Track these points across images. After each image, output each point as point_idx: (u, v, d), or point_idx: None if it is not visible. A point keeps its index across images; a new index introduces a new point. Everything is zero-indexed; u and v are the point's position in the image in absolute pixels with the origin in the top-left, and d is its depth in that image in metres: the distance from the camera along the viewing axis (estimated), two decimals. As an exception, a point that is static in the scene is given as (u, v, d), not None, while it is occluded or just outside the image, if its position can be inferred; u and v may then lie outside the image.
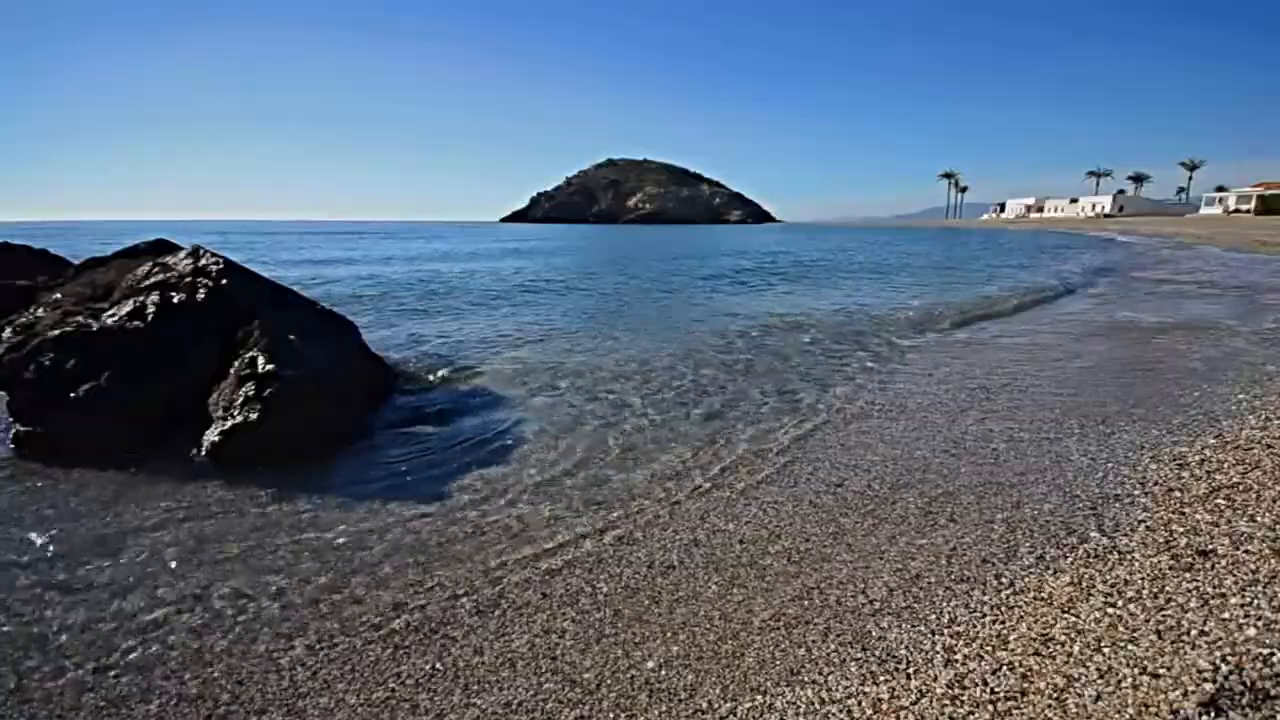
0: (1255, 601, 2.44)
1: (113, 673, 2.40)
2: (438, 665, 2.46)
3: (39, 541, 3.35)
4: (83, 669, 2.41)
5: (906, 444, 4.56)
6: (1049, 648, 2.37)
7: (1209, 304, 10.79)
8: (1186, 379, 5.92)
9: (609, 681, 2.37)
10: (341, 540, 3.34)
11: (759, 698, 2.26)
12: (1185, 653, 2.21)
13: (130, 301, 4.86)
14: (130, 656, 2.48)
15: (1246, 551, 2.82)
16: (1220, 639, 2.24)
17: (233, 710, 2.24)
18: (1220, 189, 77.53)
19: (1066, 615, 2.56)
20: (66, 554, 3.22)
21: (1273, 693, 1.96)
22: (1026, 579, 2.85)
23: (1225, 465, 3.86)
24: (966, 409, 5.30)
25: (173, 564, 3.12)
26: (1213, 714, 1.92)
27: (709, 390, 6.07)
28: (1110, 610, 2.54)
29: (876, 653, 2.44)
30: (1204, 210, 73.71)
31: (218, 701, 2.27)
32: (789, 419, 5.18)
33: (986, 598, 2.74)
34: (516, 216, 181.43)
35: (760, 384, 6.26)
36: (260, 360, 4.43)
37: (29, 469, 4.12)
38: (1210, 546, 2.92)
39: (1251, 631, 2.26)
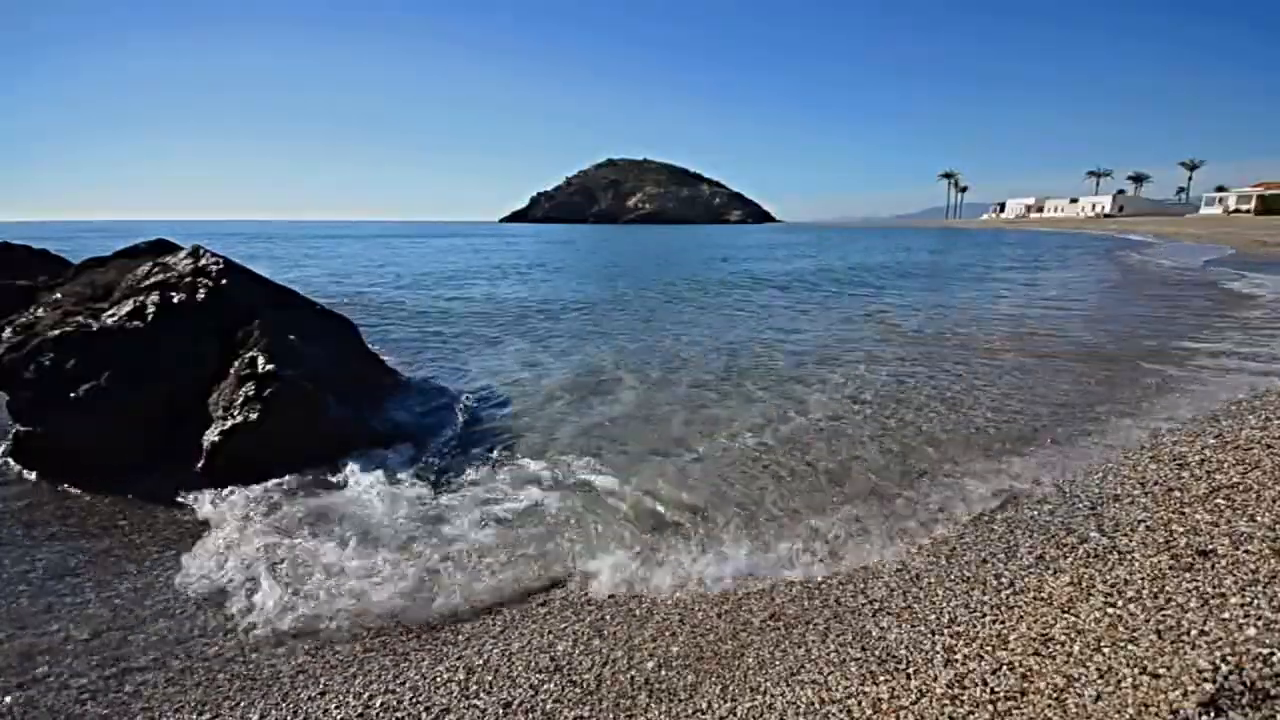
0: (1255, 601, 2.44)
1: (116, 681, 2.40)
2: (438, 668, 2.46)
3: (40, 546, 3.35)
4: (87, 677, 2.41)
5: (904, 441, 4.56)
6: (1049, 648, 2.37)
7: None
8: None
9: (609, 681, 2.37)
10: (341, 543, 3.34)
11: (759, 698, 2.26)
12: (1185, 653, 2.20)
13: (130, 301, 4.86)
14: (134, 664, 2.48)
15: (1246, 551, 2.82)
16: (1220, 639, 2.24)
17: (234, 715, 2.24)
18: (1220, 189, 77.44)
19: (1066, 615, 2.56)
20: (69, 559, 3.22)
21: (1273, 693, 1.96)
22: (1026, 579, 2.85)
23: (1225, 465, 3.85)
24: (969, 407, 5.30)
25: (174, 568, 3.12)
26: (1213, 714, 1.92)
27: (707, 383, 6.08)
28: (1110, 610, 2.54)
29: (876, 653, 2.44)
30: (1204, 210, 73.65)
31: (220, 707, 2.27)
32: (786, 408, 5.18)
33: (986, 598, 2.74)
34: (516, 216, 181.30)
35: (756, 374, 6.27)
36: (260, 360, 4.43)
37: (29, 471, 4.12)
38: (1210, 546, 2.91)
39: (1251, 631, 2.26)
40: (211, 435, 4.14)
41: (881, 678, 2.30)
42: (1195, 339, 7.90)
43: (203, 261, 5.30)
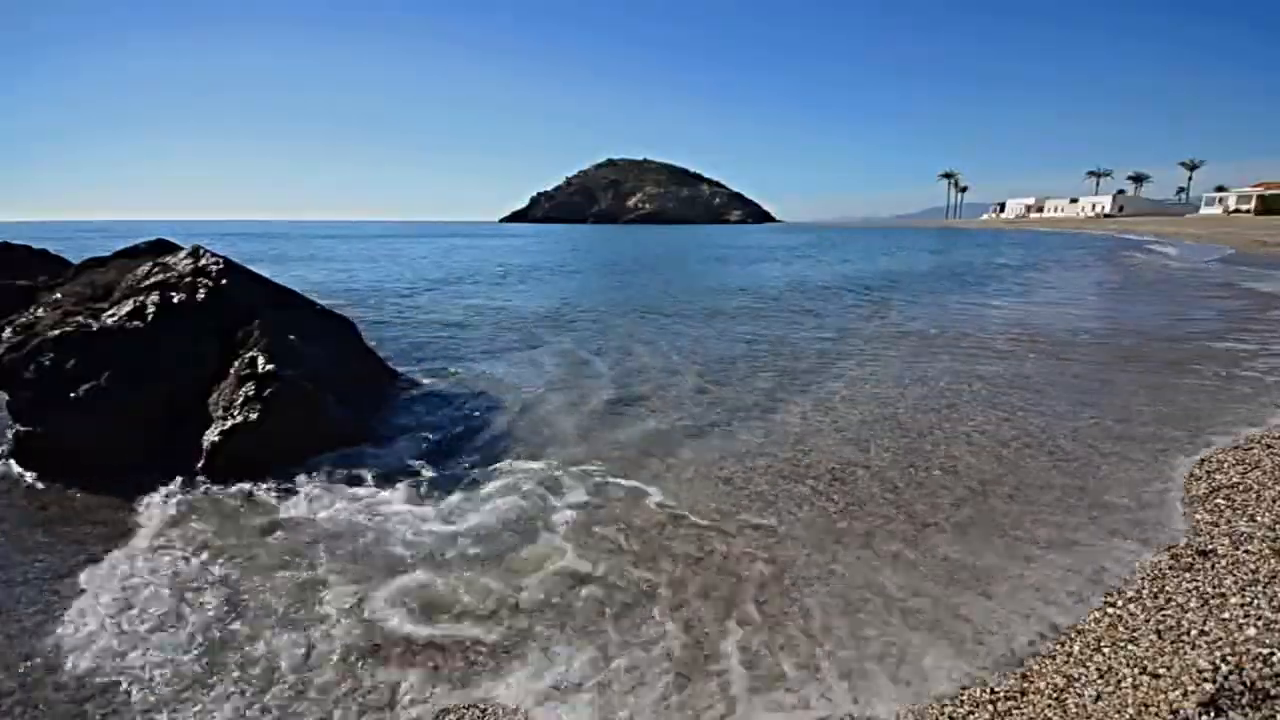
0: (1255, 601, 2.44)
1: (116, 680, 2.40)
2: (439, 669, 2.46)
3: (40, 547, 3.35)
4: (87, 677, 2.40)
5: (905, 441, 4.56)
6: (1049, 648, 2.37)
7: None
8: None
9: (609, 681, 2.36)
10: (341, 543, 3.34)
11: (759, 698, 2.25)
12: (1185, 653, 2.20)
13: (130, 301, 4.86)
14: (134, 664, 2.48)
15: (1246, 551, 2.82)
16: (1220, 639, 2.24)
17: (231, 716, 2.24)
18: (1220, 189, 77.27)
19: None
20: (69, 559, 3.22)
21: (1273, 693, 1.96)
22: (1026, 579, 2.85)
23: (1225, 465, 3.85)
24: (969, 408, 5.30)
25: (174, 570, 3.11)
26: (1213, 714, 1.92)
27: (718, 384, 6.08)
28: (1110, 610, 2.54)
29: (876, 653, 2.44)
30: (1204, 210, 73.54)
31: (218, 708, 2.27)
32: (782, 397, 5.18)
33: (986, 598, 2.74)
34: (516, 216, 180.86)
35: (757, 367, 6.27)
36: (260, 360, 4.43)
37: (29, 471, 4.12)
38: (1210, 546, 2.91)
39: (1251, 631, 2.26)
40: (211, 435, 4.14)
41: (881, 678, 2.30)
42: (1240, 340, 7.85)
43: (203, 261, 5.31)
